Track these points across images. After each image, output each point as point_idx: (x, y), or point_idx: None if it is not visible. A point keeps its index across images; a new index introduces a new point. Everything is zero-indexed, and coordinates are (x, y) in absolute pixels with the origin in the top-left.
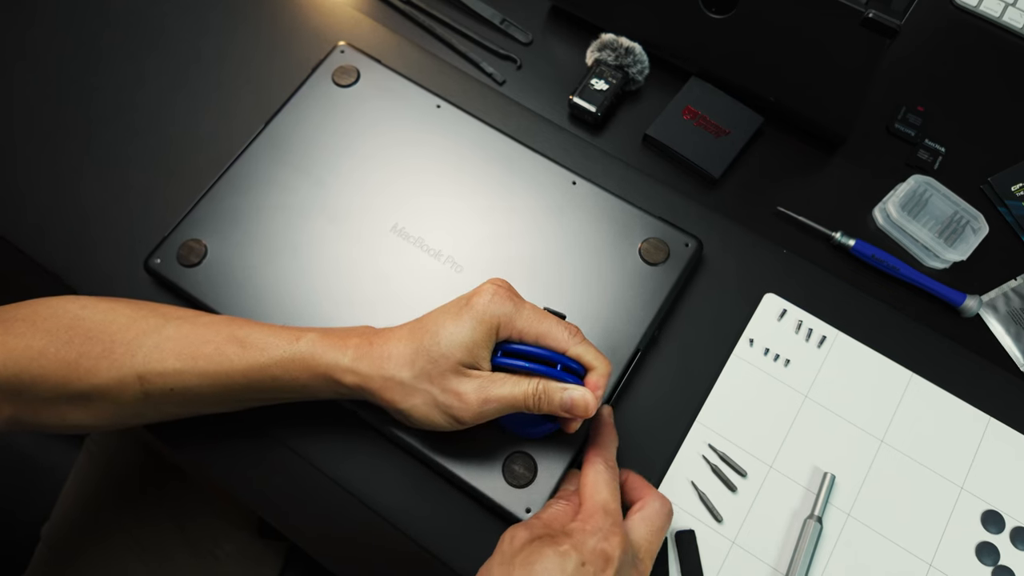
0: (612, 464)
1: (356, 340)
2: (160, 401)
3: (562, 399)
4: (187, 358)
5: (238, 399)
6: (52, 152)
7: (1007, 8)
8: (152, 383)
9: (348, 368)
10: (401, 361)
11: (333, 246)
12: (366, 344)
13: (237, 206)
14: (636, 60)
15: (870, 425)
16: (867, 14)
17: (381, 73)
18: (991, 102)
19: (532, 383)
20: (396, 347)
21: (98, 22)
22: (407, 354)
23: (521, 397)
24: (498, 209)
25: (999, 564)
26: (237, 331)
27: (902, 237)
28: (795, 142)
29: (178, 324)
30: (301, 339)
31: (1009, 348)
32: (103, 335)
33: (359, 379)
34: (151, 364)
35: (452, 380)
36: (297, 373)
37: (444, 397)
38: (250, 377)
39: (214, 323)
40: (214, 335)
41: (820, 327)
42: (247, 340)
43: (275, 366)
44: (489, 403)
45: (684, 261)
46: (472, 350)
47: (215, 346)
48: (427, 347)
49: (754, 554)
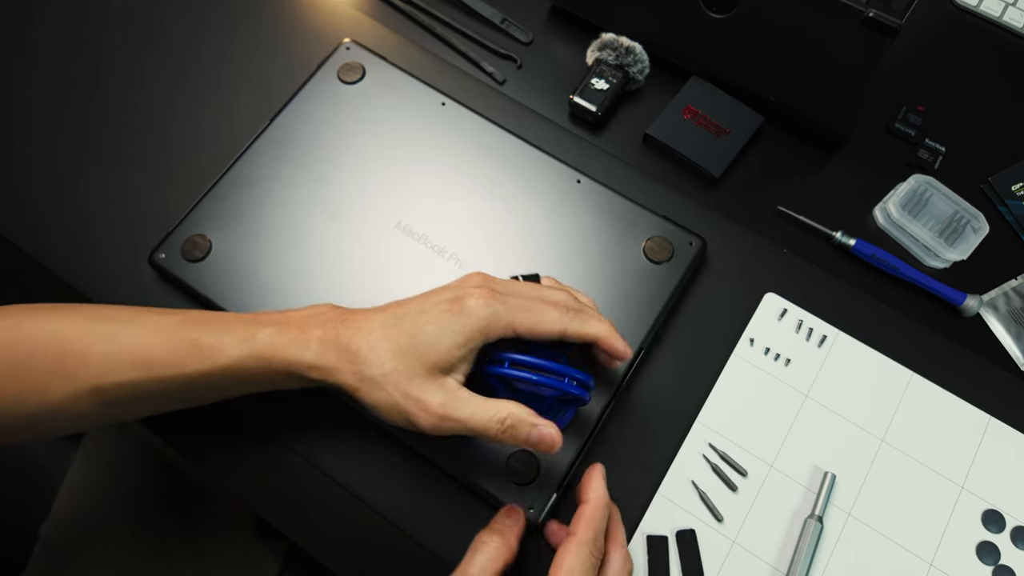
0: (599, 545)
1: (319, 332)
2: (124, 408)
3: (529, 435)
4: (142, 366)
5: (206, 397)
6: (53, 151)
7: (1007, 8)
8: (110, 394)
9: (311, 364)
10: (371, 357)
11: (337, 242)
12: (331, 336)
13: (242, 202)
14: (636, 59)
15: (870, 424)
16: (867, 13)
17: (386, 70)
18: (991, 102)
19: (502, 413)
20: (366, 340)
21: (98, 22)
22: (379, 349)
23: (481, 426)
24: (502, 206)
25: (1000, 564)
26: (190, 332)
27: (902, 237)
28: (795, 142)
29: (129, 329)
30: (257, 335)
31: (1009, 347)
32: (50, 348)
33: (324, 373)
34: (105, 376)
35: (419, 385)
36: (258, 371)
37: (406, 403)
38: (211, 379)
39: (167, 326)
40: (167, 339)
41: (820, 326)
42: (201, 342)
43: (234, 367)
44: (447, 421)
45: (688, 260)
46: (452, 354)
47: (168, 351)
48: (402, 347)
49: (755, 553)
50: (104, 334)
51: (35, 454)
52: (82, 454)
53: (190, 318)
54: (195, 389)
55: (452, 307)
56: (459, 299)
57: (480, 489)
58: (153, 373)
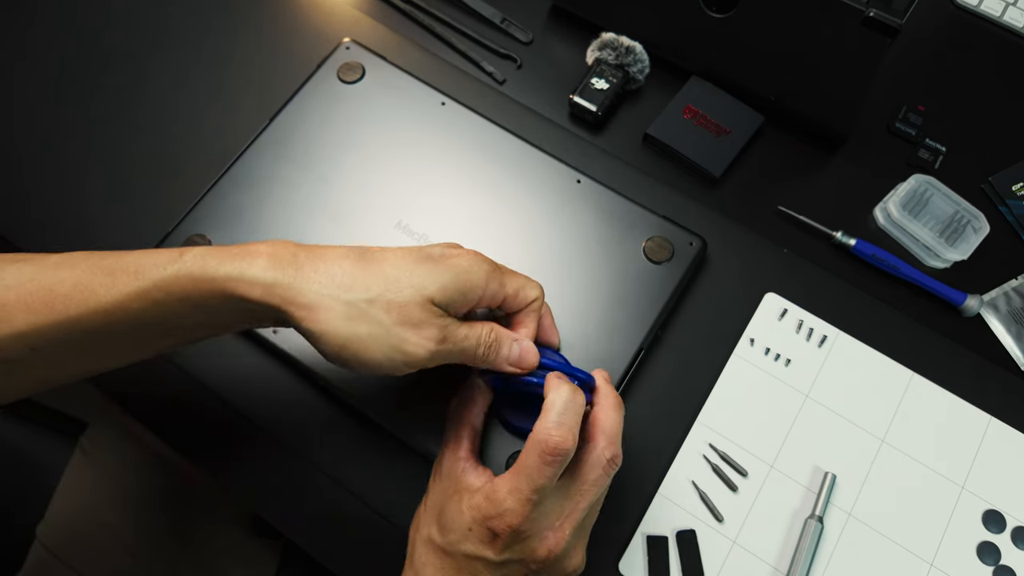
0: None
1: (267, 249)
2: (27, 368)
3: (511, 349)
4: (40, 307)
5: (125, 343)
6: (53, 151)
7: (1008, 7)
8: (6, 350)
9: (256, 280)
10: (349, 282)
11: (337, 242)
12: (286, 256)
13: (241, 202)
14: (636, 59)
15: (871, 425)
16: (868, 13)
17: (386, 70)
18: (992, 101)
19: (487, 328)
20: (340, 266)
21: (99, 22)
22: (359, 276)
23: (473, 344)
24: (502, 206)
25: (1000, 564)
26: (100, 261)
27: (903, 236)
28: (796, 141)
29: (18, 268)
30: (187, 253)
31: (1010, 347)
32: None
33: (274, 293)
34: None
35: (414, 315)
36: (184, 294)
37: (397, 331)
38: (127, 309)
39: (67, 259)
40: (69, 271)
41: (821, 327)
42: (115, 267)
43: (155, 289)
44: (446, 343)
45: (688, 260)
46: (449, 293)
47: (73, 283)
48: (389, 275)
49: (755, 554)
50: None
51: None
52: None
53: (94, 252)
54: (110, 331)
55: (448, 257)
56: (457, 257)
57: None
58: (56, 313)
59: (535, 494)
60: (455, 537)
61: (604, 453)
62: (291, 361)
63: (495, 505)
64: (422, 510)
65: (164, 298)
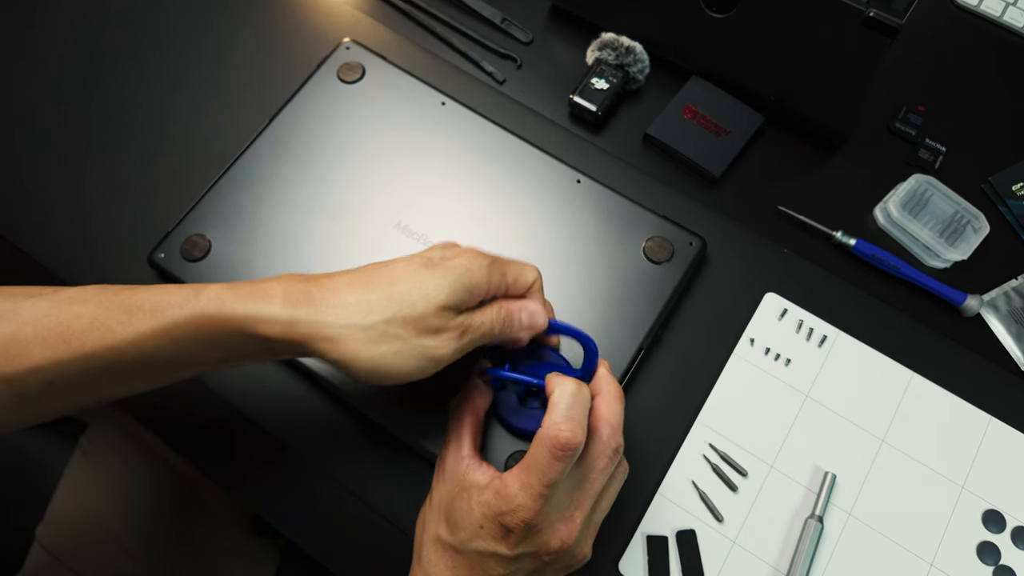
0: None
1: (280, 288)
2: (41, 399)
3: (521, 318)
4: (57, 342)
5: (140, 376)
6: (53, 151)
7: (1008, 7)
8: (23, 383)
9: (276, 318)
10: (364, 308)
11: (337, 242)
12: (300, 293)
13: (241, 202)
14: (637, 59)
15: (871, 425)
16: (868, 13)
17: (386, 70)
18: (992, 101)
19: (495, 307)
20: (351, 294)
21: (99, 22)
22: (372, 300)
23: (489, 326)
24: (502, 206)
25: (1000, 564)
26: (115, 296)
27: (903, 236)
28: (795, 141)
29: (33, 303)
30: (201, 294)
31: (1010, 347)
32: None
33: (295, 330)
34: (12, 362)
35: (430, 322)
36: (203, 333)
37: (419, 340)
38: (143, 348)
39: (81, 293)
40: (83, 306)
41: (821, 326)
42: (131, 304)
43: (174, 328)
44: (466, 336)
45: (688, 260)
46: (458, 295)
47: (89, 319)
48: (399, 292)
49: (755, 554)
50: (4, 312)
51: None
52: (79, 454)
53: (107, 287)
54: (128, 367)
55: (448, 264)
56: (455, 258)
57: None
58: (72, 349)
59: (547, 489)
60: (465, 535)
61: (609, 442)
62: (291, 363)
63: (507, 501)
64: (427, 509)
65: (182, 336)
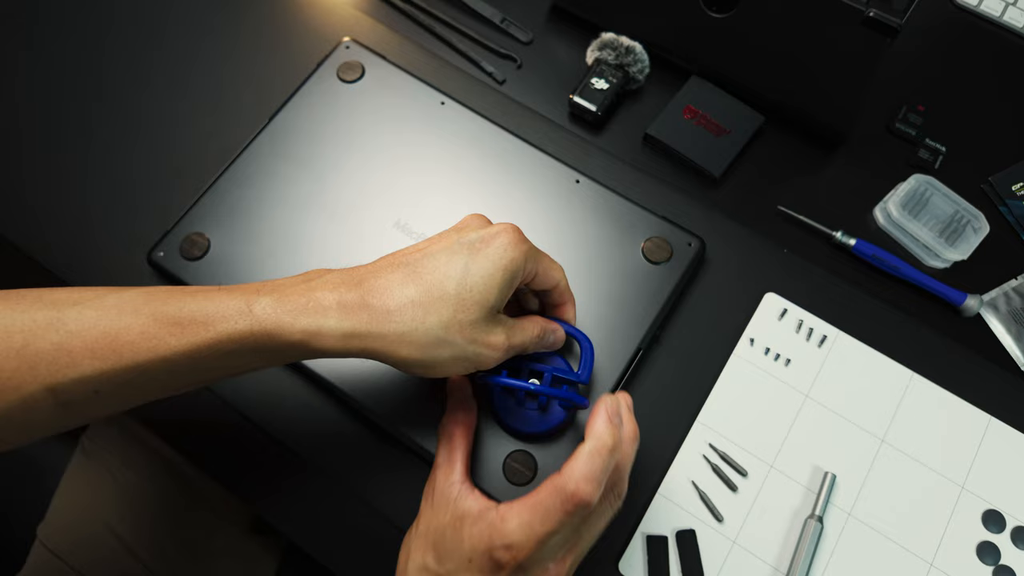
0: None
1: (333, 297)
2: (85, 407)
3: (554, 339)
4: (107, 353)
5: (186, 384)
6: (52, 150)
7: (1007, 7)
8: (69, 393)
9: (333, 332)
10: (421, 313)
11: (336, 241)
12: (354, 300)
13: (240, 200)
14: (636, 59)
15: (871, 424)
16: (868, 13)
17: (386, 69)
18: (992, 101)
19: (534, 324)
20: (403, 294)
21: (99, 22)
22: (428, 305)
23: (527, 342)
24: (501, 206)
25: (1000, 564)
26: (163, 307)
27: (903, 236)
28: (795, 141)
29: (79, 312)
30: (255, 305)
31: (1010, 347)
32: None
33: (352, 343)
34: (60, 372)
35: (483, 329)
36: (259, 346)
37: (473, 348)
38: (196, 359)
39: (128, 302)
40: (134, 317)
41: (821, 326)
42: (181, 316)
43: (228, 342)
44: (509, 345)
45: (687, 261)
46: (503, 292)
47: (140, 331)
48: (452, 293)
49: (755, 554)
50: (49, 321)
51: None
52: (80, 453)
53: (155, 293)
54: (173, 375)
55: (491, 246)
56: (497, 237)
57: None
58: (123, 360)
59: (548, 536)
60: (453, 566)
61: (615, 489)
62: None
63: (501, 536)
64: (413, 535)
65: (236, 349)
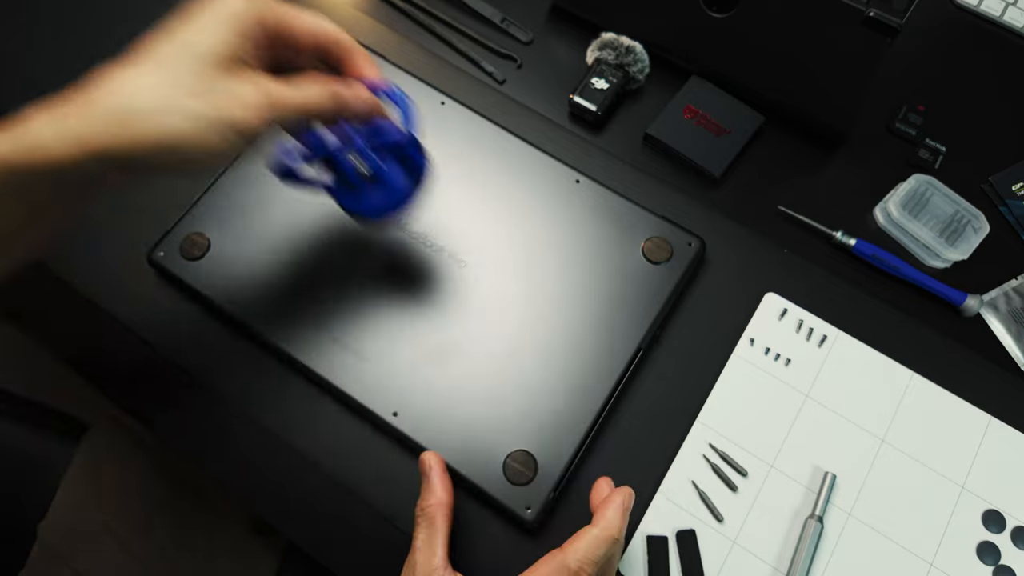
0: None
1: (44, 109)
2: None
3: (358, 108)
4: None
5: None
6: None
7: (1008, 7)
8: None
9: (45, 133)
10: (137, 85)
11: (335, 241)
12: (70, 100)
13: (240, 200)
14: (637, 59)
15: (871, 424)
16: (868, 13)
17: (386, 69)
18: (992, 101)
19: (318, 78)
20: (122, 75)
21: (100, 21)
22: (143, 73)
23: (315, 100)
24: (501, 206)
25: (1000, 564)
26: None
27: (903, 236)
28: (796, 141)
29: None
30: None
31: (1010, 347)
32: None
33: (73, 141)
34: None
35: (221, 83)
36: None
37: (216, 108)
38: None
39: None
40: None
41: (821, 326)
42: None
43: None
44: (284, 107)
45: (687, 261)
46: (222, 36)
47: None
48: (168, 54)
49: (755, 554)
50: None
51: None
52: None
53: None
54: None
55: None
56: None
57: (477, 490)
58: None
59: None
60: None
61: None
62: (290, 361)
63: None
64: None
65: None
